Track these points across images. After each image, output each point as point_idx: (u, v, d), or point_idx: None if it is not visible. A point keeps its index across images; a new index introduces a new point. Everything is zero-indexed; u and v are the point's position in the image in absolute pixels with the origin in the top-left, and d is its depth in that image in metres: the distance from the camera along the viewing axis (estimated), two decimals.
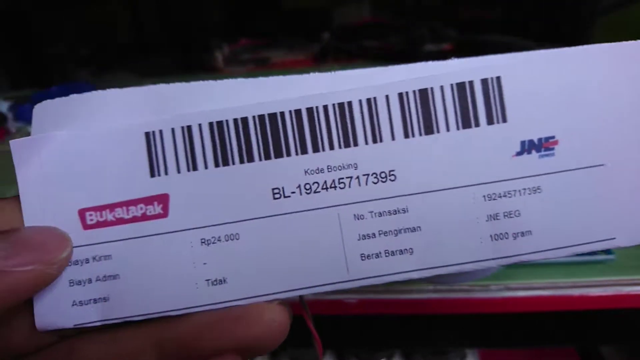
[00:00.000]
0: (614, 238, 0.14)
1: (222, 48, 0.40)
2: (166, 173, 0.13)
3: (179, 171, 0.13)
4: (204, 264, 0.13)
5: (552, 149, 0.13)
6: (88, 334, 0.13)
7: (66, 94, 0.14)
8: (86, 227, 0.13)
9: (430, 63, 0.14)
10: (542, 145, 0.13)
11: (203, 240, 0.13)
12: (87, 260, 0.13)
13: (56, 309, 0.13)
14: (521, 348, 0.40)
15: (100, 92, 0.14)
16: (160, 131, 0.13)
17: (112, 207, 0.13)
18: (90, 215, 0.13)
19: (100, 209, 0.13)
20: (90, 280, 0.13)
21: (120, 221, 0.13)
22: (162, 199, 0.13)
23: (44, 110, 0.14)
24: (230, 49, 0.41)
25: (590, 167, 0.14)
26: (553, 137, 0.14)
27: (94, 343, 0.13)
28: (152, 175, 0.13)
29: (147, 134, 0.13)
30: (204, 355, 0.13)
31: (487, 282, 0.27)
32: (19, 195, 0.13)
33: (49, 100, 0.14)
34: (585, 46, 0.14)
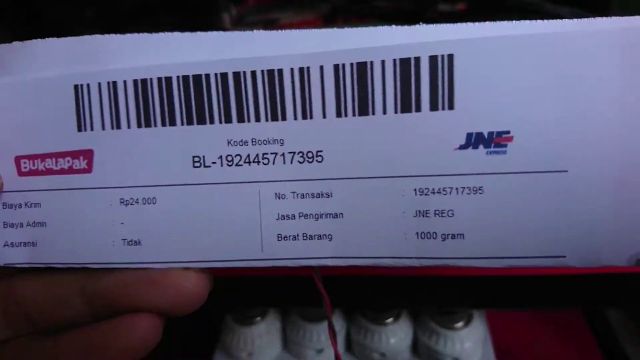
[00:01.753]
0: (564, 257, 0.12)
1: (230, 9, 0.38)
2: (92, 129, 0.13)
3: (103, 128, 0.13)
4: (121, 223, 0.13)
5: (505, 145, 0.12)
6: (26, 275, 0.14)
7: None
8: (21, 174, 0.14)
9: (374, 29, 0.12)
10: (492, 141, 0.12)
11: (122, 200, 0.13)
12: (20, 206, 0.14)
13: None
14: (528, 309, 0.40)
15: (40, 40, 0.13)
16: (88, 85, 0.13)
17: (43, 157, 0.14)
18: (25, 163, 0.14)
19: (33, 157, 0.14)
20: (21, 225, 0.14)
21: (50, 172, 0.14)
22: (87, 155, 0.13)
23: None
24: (238, 10, 0.38)
25: (549, 172, 0.12)
26: (507, 132, 0.12)
27: (30, 283, 0.14)
28: (79, 129, 0.13)
29: (75, 87, 0.13)
30: (124, 309, 0.13)
31: None
32: None
33: None
34: (563, 27, 0.11)
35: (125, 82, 0.13)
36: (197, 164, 0.13)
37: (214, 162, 0.13)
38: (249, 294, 0.28)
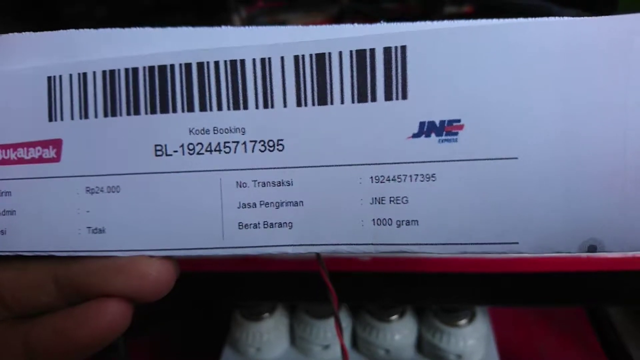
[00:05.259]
0: (516, 243, 0.12)
1: (240, 10, 0.39)
2: (62, 118, 0.14)
3: (72, 118, 0.14)
4: (87, 211, 0.13)
5: (456, 134, 0.12)
6: (1, 262, 0.15)
7: None
8: None
9: (332, 26, 0.12)
10: (444, 129, 0.12)
11: (88, 189, 0.13)
12: None
13: None
14: (530, 306, 0.40)
15: (18, 34, 0.14)
16: (60, 76, 0.14)
17: (15, 146, 0.14)
18: None
19: (6, 147, 0.14)
20: None
21: (21, 161, 0.14)
22: (56, 144, 0.14)
23: None
24: (248, 12, 0.40)
25: (500, 159, 0.12)
26: (458, 121, 0.12)
27: (5, 269, 0.14)
28: (50, 119, 0.14)
29: (49, 78, 0.14)
30: (93, 295, 0.13)
31: None
32: None
33: None
34: (509, 20, 0.11)
35: (94, 72, 0.13)
36: (159, 153, 0.13)
37: (175, 151, 0.13)
38: (257, 289, 0.28)
